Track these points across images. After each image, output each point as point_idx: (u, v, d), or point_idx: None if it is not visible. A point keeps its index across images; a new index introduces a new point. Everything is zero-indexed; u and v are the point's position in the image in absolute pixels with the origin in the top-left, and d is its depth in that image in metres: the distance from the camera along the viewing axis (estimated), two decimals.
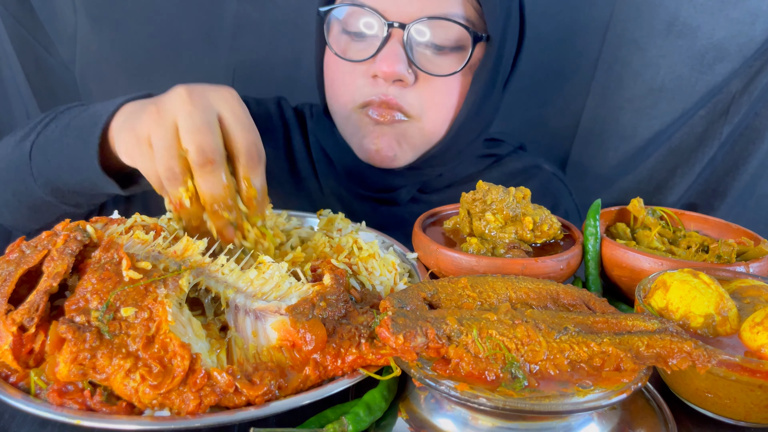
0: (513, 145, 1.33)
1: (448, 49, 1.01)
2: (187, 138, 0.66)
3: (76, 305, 0.55)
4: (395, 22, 0.98)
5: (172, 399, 0.51)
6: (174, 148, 0.66)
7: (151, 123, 0.68)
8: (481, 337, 0.55)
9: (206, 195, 0.67)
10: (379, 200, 1.19)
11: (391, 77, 1.00)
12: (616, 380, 0.53)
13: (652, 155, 1.54)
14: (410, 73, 1.00)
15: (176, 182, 0.67)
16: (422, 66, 1.01)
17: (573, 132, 1.63)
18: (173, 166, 0.66)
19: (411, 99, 1.03)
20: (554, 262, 0.79)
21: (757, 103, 1.42)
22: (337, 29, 1.06)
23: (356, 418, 0.55)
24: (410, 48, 0.99)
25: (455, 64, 1.02)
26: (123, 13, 1.51)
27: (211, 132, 0.67)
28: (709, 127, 1.48)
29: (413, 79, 1.01)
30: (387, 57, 0.98)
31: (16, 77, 1.51)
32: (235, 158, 0.70)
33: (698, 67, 1.44)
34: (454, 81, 1.04)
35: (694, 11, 1.40)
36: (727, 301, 0.63)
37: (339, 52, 1.05)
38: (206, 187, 0.67)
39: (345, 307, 0.61)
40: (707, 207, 1.53)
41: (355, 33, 1.03)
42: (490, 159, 1.27)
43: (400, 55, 0.98)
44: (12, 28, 1.46)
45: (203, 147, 0.65)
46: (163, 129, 0.67)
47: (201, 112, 0.67)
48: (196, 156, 0.65)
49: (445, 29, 0.99)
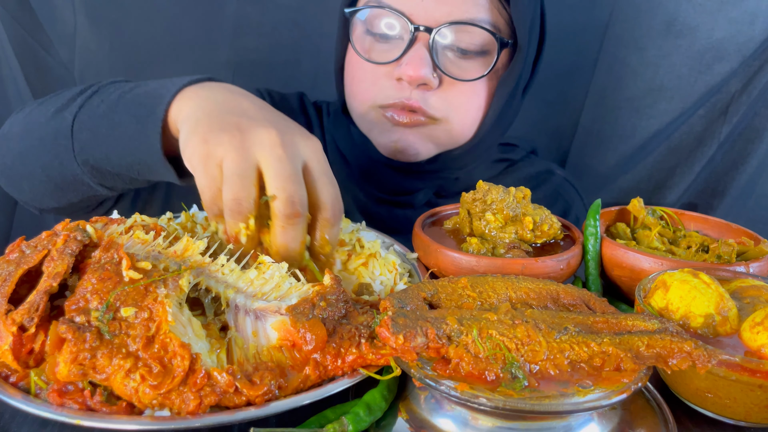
0: (526, 149, 1.33)
1: (473, 53, 1.01)
2: (277, 185, 0.63)
3: (76, 305, 0.55)
4: (421, 26, 0.97)
5: (172, 399, 0.51)
6: (249, 180, 0.63)
7: (230, 147, 0.64)
8: (481, 337, 0.55)
9: (281, 247, 0.65)
10: (395, 203, 1.18)
11: (417, 81, 0.99)
12: (616, 380, 0.53)
13: (652, 155, 1.54)
14: (435, 77, 1.00)
15: (239, 217, 0.64)
16: (447, 70, 1.00)
17: (572, 132, 1.63)
18: (242, 199, 0.63)
19: (435, 102, 1.02)
20: (554, 262, 0.79)
21: (756, 103, 1.43)
22: (361, 29, 1.05)
23: (356, 418, 0.55)
24: (435, 52, 0.99)
25: (480, 68, 1.02)
26: (123, 13, 1.51)
27: (300, 183, 0.65)
28: (709, 127, 1.48)
29: (437, 83, 1.01)
30: (413, 61, 0.98)
31: (15, 77, 1.51)
32: (316, 211, 0.68)
33: (697, 66, 1.44)
34: (479, 85, 1.04)
35: (693, 11, 1.40)
36: (727, 301, 0.63)
37: (363, 52, 1.04)
38: (284, 240, 0.64)
39: (345, 307, 0.61)
40: (707, 207, 1.53)
41: (380, 34, 1.02)
42: (505, 164, 1.27)
43: (425, 59, 0.98)
44: (11, 28, 1.45)
45: (293, 198, 0.63)
46: (243, 160, 0.63)
47: (291, 159, 0.65)
48: (284, 206, 0.63)
49: (470, 34, 0.99)
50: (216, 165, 0.64)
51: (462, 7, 0.98)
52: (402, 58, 0.99)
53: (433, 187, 1.18)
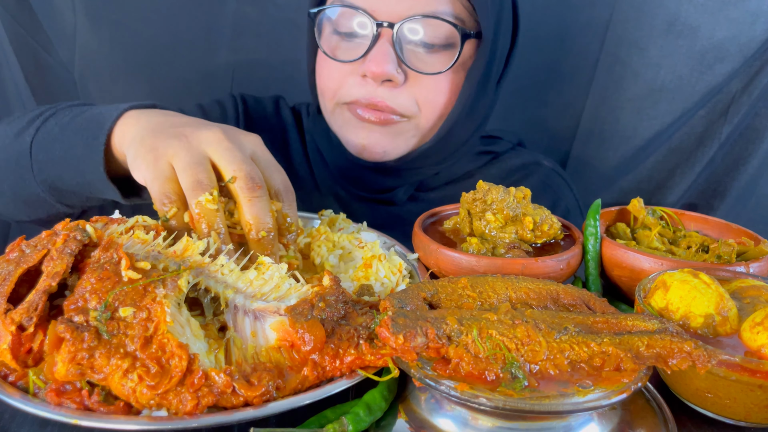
0: (511, 141, 1.33)
1: (438, 47, 1.01)
2: (234, 167, 0.68)
3: (75, 305, 0.55)
4: (384, 22, 0.98)
5: (170, 399, 0.51)
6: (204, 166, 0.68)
7: (179, 148, 0.69)
8: (481, 337, 0.55)
9: (254, 219, 0.68)
10: (377, 200, 1.19)
11: (381, 77, 1.00)
12: (616, 380, 0.53)
13: (652, 155, 1.54)
14: (399, 72, 1.01)
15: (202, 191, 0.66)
16: (412, 65, 1.01)
17: (573, 132, 1.63)
18: (202, 178, 0.67)
19: (402, 99, 1.03)
20: (554, 262, 0.78)
21: (757, 103, 1.42)
22: (329, 29, 1.07)
23: (356, 418, 0.55)
24: (400, 47, 1.00)
25: (446, 61, 1.02)
26: (123, 13, 1.51)
27: (254, 165, 0.70)
28: (709, 127, 1.48)
29: (403, 79, 1.02)
30: (376, 57, 0.99)
31: (15, 77, 1.51)
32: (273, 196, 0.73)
33: (698, 67, 1.44)
34: (445, 78, 1.04)
35: (694, 11, 1.40)
36: (727, 301, 0.63)
37: (329, 52, 1.05)
38: (253, 211, 0.68)
39: (344, 308, 0.61)
40: (707, 207, 1.53)
41: (346, 33, 1.03)
42: (488, 156, 1.27)
43: (389, 55, 0.99)
44: (11, 28, 1.46)
45: (252, 174, 0.68)
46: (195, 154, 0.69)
47: (239, 148, 0.71)
48: (245, 182, 0.68)
49: (434, 27, 0.99)
50: (166, 162, 0.69)
51: (424, 1, 0.98)
52: (367, 55, 1.00)
53: (413, 184, 1.19)
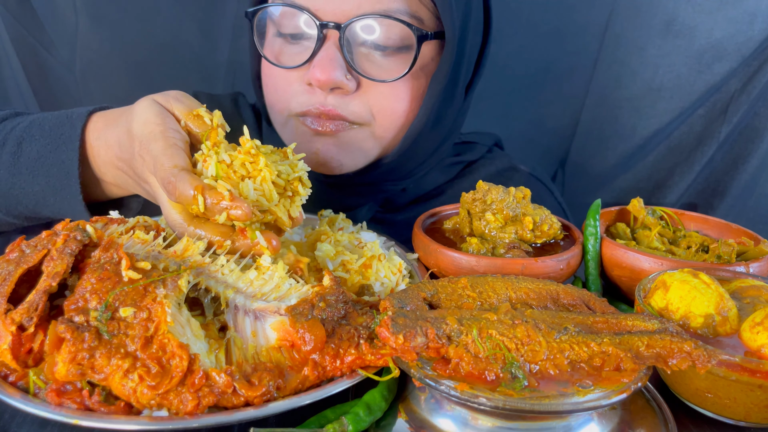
0: (486, 144, 1.21)
1: (393, 49, 0.89)
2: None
3: (75, 305, 0.55)
4: (330, 22, 0.86)
5: (171, 399, 0.51)
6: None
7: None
8: (481, 337, 0.55)
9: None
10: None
11: (327, 85, 0.88)
12: (616, 380, 0.53)
13: (651, 154, 1.54)
14: (350, 79, 0.89)
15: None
16: (363, 70, 0.89)
17: (572, 132, 1.63)
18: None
19: (355, 107, 0.91)
20: (554, 262, 0.79)
21: (755, 103, 1.43)
22: (272, 32, 0.95)
23: (356, 418, 0.55)
24: (348, 50, 0.88)
25: (403, 65, 0.90)
26: (123, 13, 1.51)
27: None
28: (708, 127, 1.48)
29: (354, 86, 0.90)
30: (321, 62, 0.87)
31: (16, 77, 1.51)
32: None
33: (697, 66, 1.44)
34: (404, 84, 0.92)
35: (692, 11, 1.40)
36: (727, 301, 0.63)
37: (272, 57, 0.94)
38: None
39: (344, 308, 0.61)
40: (707, 206, 1.53)
41: (291, 35, 0.92)
42: (460, 166, 1.15)
43: (336, 60, 0.87)
44: (12, 28, 1.46)
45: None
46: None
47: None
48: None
49: (387, 28, 0.87)
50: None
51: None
52: (312, 60, 0.88)
53: (377, 201, 1.06)
